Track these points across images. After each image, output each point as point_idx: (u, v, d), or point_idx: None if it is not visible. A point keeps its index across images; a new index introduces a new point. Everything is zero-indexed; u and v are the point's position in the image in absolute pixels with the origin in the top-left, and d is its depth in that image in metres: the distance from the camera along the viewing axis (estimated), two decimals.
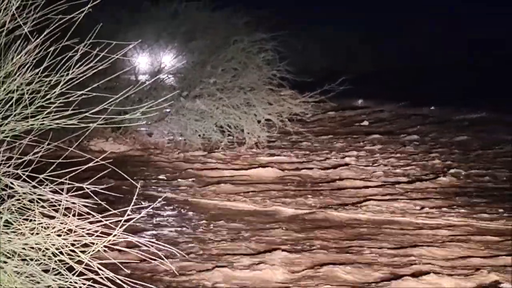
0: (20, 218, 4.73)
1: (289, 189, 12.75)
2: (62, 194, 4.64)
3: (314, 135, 18.29)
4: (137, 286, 4.52)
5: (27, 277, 4.68)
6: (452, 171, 14.32)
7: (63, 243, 4.58)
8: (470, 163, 15.19)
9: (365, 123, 21.03)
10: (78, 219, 4.62)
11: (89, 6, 4.78)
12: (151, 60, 18.35)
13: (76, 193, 4.68)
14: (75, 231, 4.60)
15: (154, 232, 9.68)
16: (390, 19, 33.75)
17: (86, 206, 4.65)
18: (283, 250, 8.92)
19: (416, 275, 8.04)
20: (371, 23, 33.45)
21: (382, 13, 34.19)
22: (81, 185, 4.70)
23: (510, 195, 12.50)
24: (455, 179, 13.63)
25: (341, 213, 11.21)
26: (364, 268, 8.39)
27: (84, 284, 4.50)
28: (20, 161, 4.86)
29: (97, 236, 4.55)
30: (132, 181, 5.51)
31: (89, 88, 4.99)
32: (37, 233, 4.65)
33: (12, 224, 4.74)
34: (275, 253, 8.73)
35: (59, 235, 4.61)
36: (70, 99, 4.90)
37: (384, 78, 28.39)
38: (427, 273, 8.12)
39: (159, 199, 9.85)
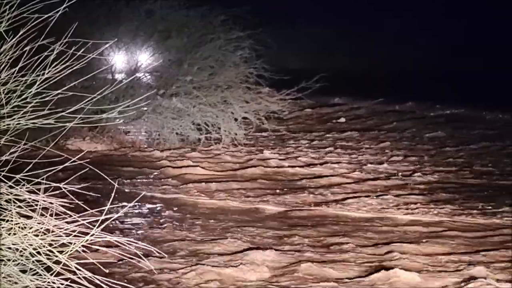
0: None
1: (270, 187, 12.75)
2: (39, 194, 4.62)
3: (292, 133, 18.32)
4: (115, 286, 4.50)
5: (4, 277, 4.65)
6: (429, 167, 14.40)
7: (41, 243, 4.56)
8: (447, 159, 15.28)
9: (342, 120, 21.09)
10: (56, 219, 4.60)
11: (64, 5, 4.76)
12: (128, 59, 18.31)
13: (53, 193, 4.66)
14: (52, 231, 4.57)
15: (133, 231, 9.65)
16: (371, 15, 33.84)
17: (63, 206, 4.63)
18: (265, 248, 8.92)
19: (396, 271, 8.07)
20: (350, 20, 33.49)
21: (363, 10, 34.27)
22: (58, 185, 4.68)
23: (487, 190, 12.59)
24: (432, 176, 13.70)
25: (322, 210, 11.25)
26: (344, 264, 8.41)
27: (62, 284, 4.48)
28: None
29: (75, 236, 4.53)
30: (109, 180, 5.49)
31: (65, 88, 4.96)
32: (14, 234, 4.63)
33: None
34: (258, 251, 8.73)
35: (36, 235, 4.59)
36: (47, 98, 4.88)
37: (361, 75, 28.47)
38: (407, 269, 8.15)
39: (137, 198, 9.86)
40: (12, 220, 4.65)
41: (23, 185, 4.71)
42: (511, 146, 16.55)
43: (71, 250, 4.51)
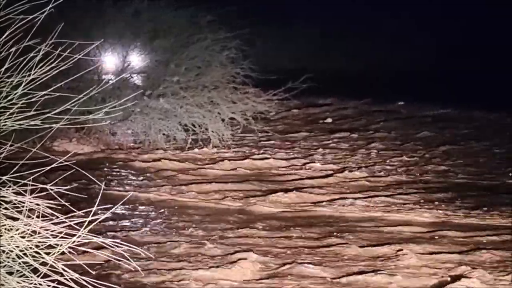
0: None
1: (259, 187, 12.69)
2: (25, 195, 4.60)
3: (279, 133, 18.29)
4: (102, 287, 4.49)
5: None
6: (417, 167, 14.42)
7: (27, 245, 4.55)
8: (435, 159, 15.30)
9: (329, 120, 21.07)
10: (42, 220, 4.58)
11: (50, 6, 4.74)
12: (114, 60, 18.24)
13: (39, 194, 4.64)
14: (39, 233, 4.56)
15: (121, 232, 9.61)
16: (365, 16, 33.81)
17: (50, 208, 4.61)
18: (256, 249, 8.93)
19: (387, 271, 8.09)
20: (347, 21, 33.39)
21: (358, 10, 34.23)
22: (44, 186, 4.66)
23: (476, 190, 12.63)
24: (421, 176, 13.73)
25: (313, 210, 11.26)
26: (336, 265, 8.43)
27: (49, 286, 4.47)
28: None
29: (62, 237, 4.51)
30: (96, 181, 5.48)
31: (51, 88, 4.95)
32: (0, 235, 4.61)
33: None
34: (248, 252, 8.72)
35: (23, 237, 4.57)
36: (33, 99, 4.86)
37: (357, 76, 28.44)
38: (398, 268, 8.18)
39: (124, 199, 9.84)
40: None
41: (9, 186, 4.69)
42: (499, 146, 16.59)
43: (57, 252, 4.50)
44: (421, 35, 32.51)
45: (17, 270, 4.60)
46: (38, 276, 4.50)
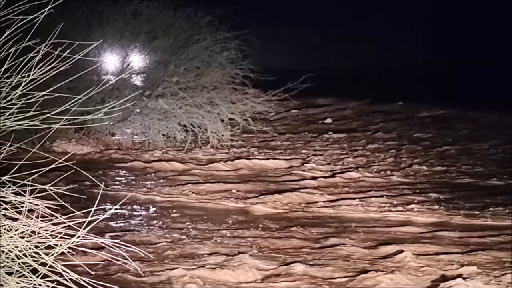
0: None
1: (259, 188, 12.68)
2: (25, 196, 4.60)
3: (278, 134, 18.30)
4: None
5: None
6: (417, 167, 14.41)
7: (27, 245, 4.54)
8: (434, 159, 15.30)
9: (328, 120, 21.07)
10: (42, 221, 4.58)
11: (50, 6, 4.73)
12: (114, 60, 18.23)
13: (39, 195, 4.63)
14: (38, 233, 4.55)
15: (120, 233, 9.61)
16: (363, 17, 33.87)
17: (49, 208, 4.60)
18: (255, 249, 8.92)
19: (387, 271, 8.08)
20: (343, 21, 33.42)
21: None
22: (44, 186, 4.66)
23: (475, 190, 12.63)
24: (420, 176, 13.73)
25: (313, 211, 11.25)
26: (335, 265, 8.42)
27: (48, 286, 4.46)
28: None
29: (61, 237, 4.51)
30: (96, 181, 5.47)
31: (51, 89, 4.94)
32: (0, 236, 4.60)
33: None
34: (247, 252, 8.72)
35: (22, 237, 4.57)
36: (32, 100, 4.86)
37: (353, 76, 28.45)
38: (398, 269, 8.17)
39: (124, 199, 9.83)
40: None
41: (9, 187, 4.68)
42: (498, 146, 16.59)
43: (57, 252, 4.49)
44: (421, 35, 32.52)
45: (17, 271, 4.59)
46: (37, 277, 4.50)
